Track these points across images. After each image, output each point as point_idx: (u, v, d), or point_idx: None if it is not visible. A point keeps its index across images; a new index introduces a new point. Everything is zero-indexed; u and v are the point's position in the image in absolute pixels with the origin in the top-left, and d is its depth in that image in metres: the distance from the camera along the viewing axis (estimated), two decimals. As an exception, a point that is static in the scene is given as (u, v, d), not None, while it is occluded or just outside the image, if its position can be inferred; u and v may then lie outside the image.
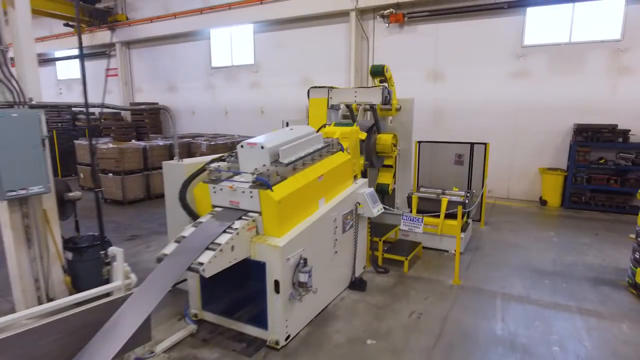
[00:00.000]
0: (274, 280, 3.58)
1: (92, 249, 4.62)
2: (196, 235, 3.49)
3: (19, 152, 3.73)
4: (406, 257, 5.47)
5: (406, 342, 3.81)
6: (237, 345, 3.71)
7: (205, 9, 13.36)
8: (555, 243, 6.72)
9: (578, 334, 3.97)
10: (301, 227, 3.86)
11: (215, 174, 3.99)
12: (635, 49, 8.49)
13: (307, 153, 4.31)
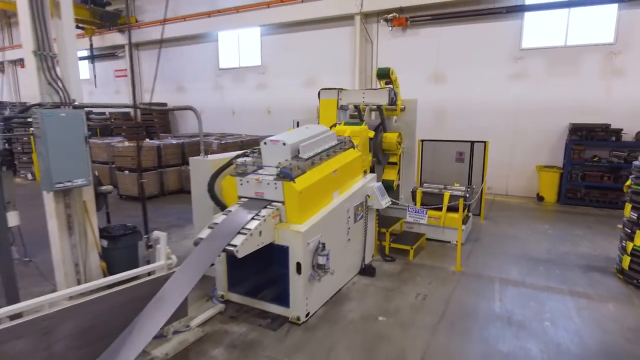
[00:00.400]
0: (296, 263, 4.01)
1: (125, 237, 5.05)
2: (227, 222, 3.92)
3: (66, 148, 4.15)
4: (411, 247, 5.91)
5: (413, 319, 4.25)
6: (262, 321, 4.14)
7: (213, 12, 13.79)
8: (551, 235, 7.15)
9: (568, 312, 4.40)
10: (319, 215, 4.30)
11: (241, 168, 4.42)
12: (627, 52, 8.92)
13: (323, 149, 4.75)
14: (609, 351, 3.70)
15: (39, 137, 4.01)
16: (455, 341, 3.85)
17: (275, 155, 4.36)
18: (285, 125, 12.89)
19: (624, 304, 4.60)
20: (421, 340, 3.84)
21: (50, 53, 4.18)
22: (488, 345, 3.77)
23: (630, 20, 8.79)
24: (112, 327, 3.12)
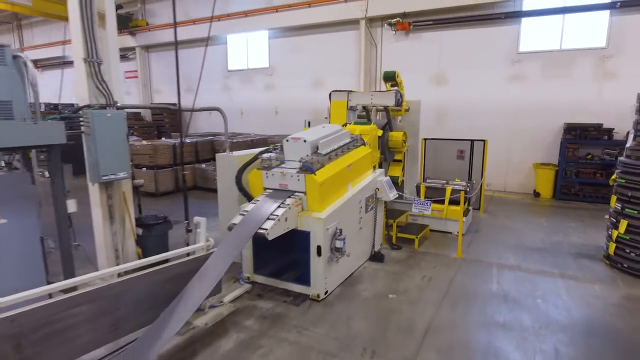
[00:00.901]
0: (316, 246, 4.53)
1: (158, 226, 5.59)
2: (257, 209, 4.44)
3: (110, 144, 4.67)
4: (416, 236, 6.44)
5: (420, 296, 4.77)
6: (285, 298, 4.67)
7: (222, 16, 14.29)
8: (545, 227, 7.68)
9: (558, 291, 4.93)
10: (336, 205, 4.82)
11: (267, 163, 4.94)
12: (618, 56, 9.45)
13: (339, 146, 5.28)
14: (593, 322, 4.22)
15: (88, 134, 4.54)
16: (457, 314, 4.37)
17: (296, 151, 4.88)
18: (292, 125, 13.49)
19: (608, 284, 5.12)
20: (427, 313, 4.37)
21: (97, 60, 4.71)
22: (486, 317, 4.30)
23: (621, 25, 9.32)
24: (163, 298, 3.64)
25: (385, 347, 3.74)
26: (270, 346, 3.74)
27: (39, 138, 3.72)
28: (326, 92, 12.46)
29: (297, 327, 4.06)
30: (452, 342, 3.83)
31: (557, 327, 4.11)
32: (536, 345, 3.77)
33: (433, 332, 4.01)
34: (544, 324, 4.15)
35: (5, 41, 22.97)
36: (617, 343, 3.86)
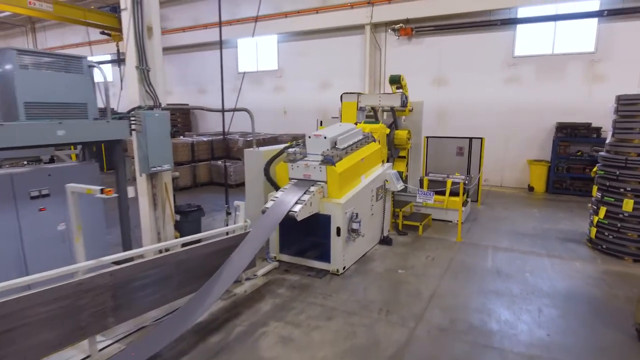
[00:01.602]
0: (336, 227, 5.28)
1: (193, 213, 6.34)
2: (285, 196, 5.18)
3: (158, 140, 5.39)
4: (420, 223, 7.19)
5: (425, 271, 5.52)
6: (309, 273, 5.41)
7: (233, 21, 15.03)
8: (537, 217, 8.43)
9: (545, 267, 5.68)
10: (352, 192, 5.57)
11: (292, 156, 5.69)
12: (606, 60, 10.21)
13: (353, 142, 6.03)
14: (573, 291, 4.97)
15: (140, 132, 5.26)
16: (457, 284, 5.12)
17: (318, 146, 5.63)
18: (300, 125, 14.30)
19: (588, 262, 5.88)
20: (432, 284, 5.12)
21: (146, 67, 5.45)
22: (482, 286, 5.05)
23: (608, 32, 10.07)
24: (212, 267, 4.37)
25: (397, 307, 4.49)
26: (302, 307, 4.49)
27: (110, 134, 4.47)
28: (333, 94, 13.34)
29: (322, 294, 4.81)
30: (453, 304, 4.58)
31: (542, 293, 4.86)
32: (523, 307, 4.53)
33: (437, 297, 4.76)
34: (530, 292, 4.91)
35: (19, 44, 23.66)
36: (593, 305, 4.61)
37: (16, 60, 3.73)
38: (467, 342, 3.84)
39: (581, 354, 3.67)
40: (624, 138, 6.03)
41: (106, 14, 16.37)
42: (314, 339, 3.88)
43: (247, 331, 4.02)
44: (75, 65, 4.25)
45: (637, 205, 5.75)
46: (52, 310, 2.95)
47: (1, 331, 2.67)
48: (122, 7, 5.38)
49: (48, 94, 3.99)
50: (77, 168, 4.55)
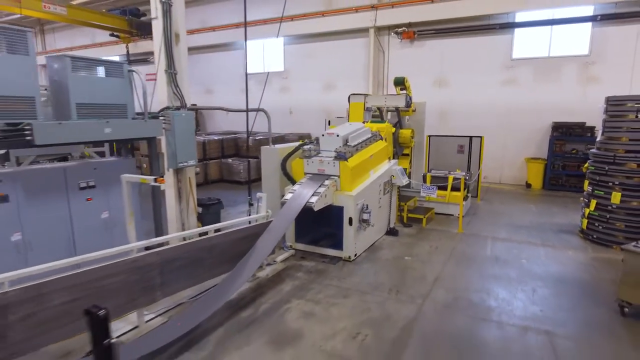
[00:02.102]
0: (348, 217, 5.77)
1: (214, 205, 6.84)
2: (302, 189, 5.67)
3: (184, 138, 5.89)
4: (424, 216, 7.69)
5: (429, 258, 6.02)
6: (323, 259, 5.90)
7: (241, 23, 15.47)
8: (534, 211, 8.93)
9: (539, 255, 6.17)
10: (362, 186, 6.06)
11: (307, 152, 6.17)
12: (600, 63, 10.71)
13: (363, 140, 6.52)
14: (563, 274, 5.46)
15: (169, 130, 5.75)
16: (459, 269, 5.62)
17: (331, 143, 6.12)
18: (305, 124, 14.79)
19: (580, 251, 6.37)
20: (436, 269, 5.61)
21: (174, 71, 5.94)
22: (481, 272, 5.55)
23: (602, 36, 10.57)
24: (239, 252, 4.86)
25: (405, 288, 4.98)
26: (319, 288, 4.98)
27: (147, 131, 4.96)
28: (337, 95, 13.87)
29: (337, 277, 5.31)
30: (455, 286, 5.07)
31: (536, 277, 5.36)
32: (519, 288, 5.02)
33: (440, 279, 5.26)
34: (526, 275, 5.40)
35: (29, 45, 24.04)
36: (582, 287, 5.10)
37: (70, 66, 4.21)
38: (468, 316, 4.34)
39: (570, 326, 4.16)
40: (613, 136, 6.53)
41: (117, 17, 16.87)
42: (332, 313, 4.38)
43: (273, 307, 4.51)
44: (118, 70, 4.74)
45: (624, 198, 6.24)
46: (115, 282, 3.43)
47: (76, 298, 3.16)
48: (153, 16, 5.88)
49: (95, 96, 4.47)
50: (117, 162, 5.04)
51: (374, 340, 3.85)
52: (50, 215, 4.26)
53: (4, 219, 3.88)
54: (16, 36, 3.78)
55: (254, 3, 15.21)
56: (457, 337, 3.94)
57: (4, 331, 2.76)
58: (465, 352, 3.70)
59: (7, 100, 3.76)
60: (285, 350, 3.69)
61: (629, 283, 4.24)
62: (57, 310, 3.03)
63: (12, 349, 2.82)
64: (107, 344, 1.90)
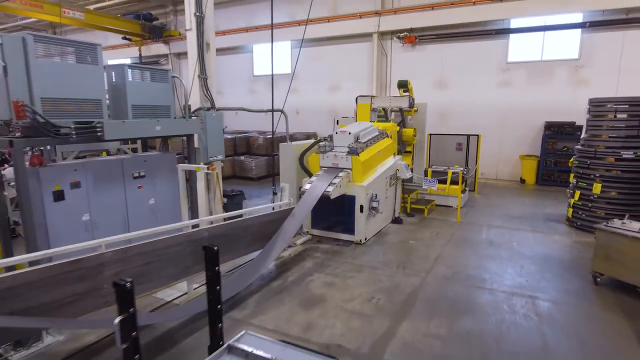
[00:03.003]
0: (360, 205, 6.54)
1: (237, 196, 7.61)
2: (319, 180, 6.44)
3: (214, 135, 6.65)
4: (425, 207, 8.47)
5: (431, 242, 6.79)
6: (337, 243, 6.67)
7: (250, 28, 16.30)
8: (527, 204, 9.71)
9: (528, 239, 6.95)
10: (371, 178, 6.83)
11: (322, 148, 6.94)
12: (589, 66, 11.49)
13: (372, 137, 7.29)
14: (548, 254, 6.24)
15: (201, 128, 6.52)
16: (457, 251, 6.40)
17: (344, 140, 6.89)
18: (311, 124, 15.52)
19: (565, 236, 7.16)
20: (437, 250, 6.38)
21: (205, 76, 6.70)
22: (477, 252, 6.33)
23: (591, 41, 11.36)
24: (266, 233, 5.62)
25: (411, 265, 5.76)
26: (336, 265, 5.76)
27: (188, 129, 5.73)
28: (342, 96, 14.68)
29: (351, 257, 6.08)
30: (454, 263, 5.85)
31: (524, 256, 6.14)
32: (509, 264, 5.80)
33: (441, 258, 6.03)
34: (515, 255, 6.18)
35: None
36: (564, 264, 5.87)
37: (128, 74, 4.98)
38: (465, 285, 5.12)
39: (550, 292, 4.94)
40: (595, 134, 7.31)
41: (131, 21, 17.67)
42: (349, 283, 5.15)
43: (298, 279, 5.29)
44: (163, 76, 5.51)
45: (604, 189, 7.03)
46: (176, 251, 4.19)
47: (148, 262, 3.92)
48: (188, 28, 6.65)
49: (146, 99, 5.24)
50: (162, 156, 5.80)
51: (386, 302, 4.63)
52: (110, 199, 5.02)
53: (77, 201, 4.64)
54: (89, 50, 4.55)
55: (263, 9, 16.04)
56: (455, 299, 4.72)
57: (101, 283, 3.52)
58: (462, 310, 4.47)
59: (80, 102, 4.53)
60: (314, 310, 4.46)
61: (600, 256, 5.02)
62: (136, 271, 3.80)
63: (105, 298, 3.59)
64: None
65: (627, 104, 7.07)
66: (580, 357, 3.66)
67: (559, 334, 4.01)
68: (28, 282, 3.00)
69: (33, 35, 4.03)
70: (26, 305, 3.05)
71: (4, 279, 2.90)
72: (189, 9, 6.55)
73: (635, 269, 4.68)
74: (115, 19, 17.09)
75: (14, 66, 3.94)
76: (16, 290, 2.96)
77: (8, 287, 2.93)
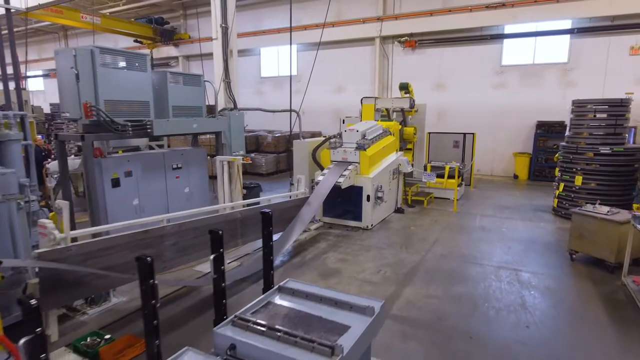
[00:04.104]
0: (366, 195, 7.36)
1: (255, 188, 8.43)
2: (331, 172, 7.26)
3: (237, 133, 7.46)
4: (425, 198, 9.29)
5: (430, 228, 7.62)
6: (347, 228, 7.49)
7: (258, 32, 17.11)
8: (518, 197, 10.55)
9: (517, 226, 7.78)
10: (377, 171, 7.65)
11: (333, 144, 7.76)
12: (577, 69, 12.33)
13: (377, 134, 8.12)
14: (533, 238, 7.06)
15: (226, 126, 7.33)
16: (453, 235, 7.22)
17: (352, 137, 7.71)
18: (316, 124, 16.29)
19: (549, 223, 7.99)
20: (435, 235, 7.21)
21: (228, 80, 7.52)
22: (470, 236, 7.15)
23: (578, 46, 12.19)
24: (286, 218, 6.43)
25: (411, 245, 6.59)
26: (347, 246, 6.58)
27: (218, 127, 6.55)
28: (346, 97, 15.52)
29: (359, 239, 6.91)
30: (450, 245, 6.68)
31: (512, 239, 6.96)
32: (498, 245, 6.63)
33: (439, 241, 6.86)
34: (504, 239, 7.01)
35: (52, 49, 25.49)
36: (546, 245, 6.69)
37: (169, 79, 5.80)
38: (459, 261, 5.94)
39: (532, 266, 5.76)
40: (577, 132, 8.14)
41: (144, 25, 18.49)
42: (360, 259, 5.97)
43: (315, 256, 6.11)
44: (197, 81, 6.32)
45: (585, 180, 7.86)
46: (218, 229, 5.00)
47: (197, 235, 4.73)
48: (214, 37, 7.47)
49: (184, 100, 6.06)
50: (195, 151, 6.62)
51: (392, 274, 5.45)
52: (154, 187, 5.83)
53: (129, 188, 5.45)
54: (139, 59, 5.37)
55: (270, 14, 16.88)
56: (451, 271, 5.55)
57: (162, 251, 4.33)
58: (456, 279, 5.29)
59: (132, 103, 5.34)
60: (331, 279, 5.29)
61: (575, 236, 5.84)
62: (187, 243, 4.61)
63: (164, 265, 4.40)
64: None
65: (605, 105, 7.90)
66: (552, 312, 4.48)
67: (536, 295, 4.84)
68: (113, 246, 3.81)
69: (99, 48, 4.84)
70: (110, 264, 3.85)
71: (97, 242, 3.71)
72: (216, 21, 7.36)
73: (604, 245, 5.50)
74: (129, 23, 17.90)
75: (84, 73, 4.75)
76: (104, 252, 3.77)
77: (98, 249, 3.74)
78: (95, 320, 4.30)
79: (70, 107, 4.85)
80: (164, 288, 4.79)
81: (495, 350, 3.75)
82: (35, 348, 2.11)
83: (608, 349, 3.83)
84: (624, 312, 4.46)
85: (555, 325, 4.20)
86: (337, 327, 2.65)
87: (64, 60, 4.79)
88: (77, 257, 3.44)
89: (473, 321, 4.24)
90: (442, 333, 4.02)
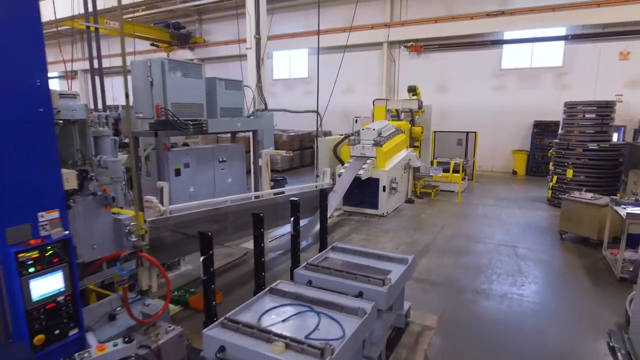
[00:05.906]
0: (382, 186, 8.36)
1: (281, 180, 9.42)
2: (352, 166, 8.25)
3: (267, 131, 8.44)
4: (432, 191, 10.29)
5: (438, 215, 8.62)
6: (365, 215, 8.49)
7: (272, 37, 17.98)
8: (516, 189, 11.56)
9: (515, 213, 8.78)
10: (391, 164, 8.65)
11: (352, 141, 8.76)
12: (571, 73, 13.33)
13: (390, 132, 9.11)
14: (530, 223, 8.06)
15: (258, 125, 8.31)
16: (459, 221, 8.22)
17: (369, 135, 8.70)
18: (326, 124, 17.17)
19: (544, 211, 8.99)
20: (443, 220, 8.21)
21: (260, 84, 8.50)
22: (474, 222, 8.16)
23: (572, 51, 13.20)
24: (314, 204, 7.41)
25: (422, 229, 7.59)
26: (367, 229, 7.58)
27: (256, 126, 7.54)
28: (355, 98, 16.53)
29: (377, 224, 7.91)
30: (457, 228, 7.68)
31: (511, 224, 7.97)
32: (498, 229, 7.63)
33: (446, 226, 7.86)
34: (504, 224, 8.01)
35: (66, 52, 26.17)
36: (541, 229, 7.69)
37: (218, 84, 6.79)
38: (465, 240, 6.94)
39: (527, 244, 6.76)
40: (568, 130, 9.15)
41: (162, 30, 19.51)
42: (380, 239, 6.97)
43: (341, 238, 7.11)
44: (238, 85, 7.31)
45: (575, 173, 8.86)
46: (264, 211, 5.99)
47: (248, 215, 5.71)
48: (248, 47, 8.43)
49: (228, 102, 7.05)
50: (235, 146, 7.61)
51: (409, 249, 6.45)
52: (205, 177, 6.82)
53: (187, 177, 6.44)
54: (196, 68, 6.36)
55: (282, 20, 17.85)
56: (459, 247, 6.55)
57: (225, 227, 5.32)
58: (463, 253, 6.30)
59: (191, 105, 6.32)
60: (358, 253, 6.28)
61: (564, 218, 6.85)
62: (242, 221, 5.59)
63: (227, 238, 5.39)
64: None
65: (594, 106, 8.91)
66: (543, 275, 5.49)
67: (531, 264, 5.84)
68: (195, 219, 4.80)
69: (168, 60, 5.83)
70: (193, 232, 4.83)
71: (185, 215, 4.70)
72: (250, 32, 8.33)
73: (588, 225, 6.50)
74: (148, 28, 18.91)
75: (156, 80, 5.74)
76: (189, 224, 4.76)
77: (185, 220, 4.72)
78: (172, 282, 5.29)
79: (143, 109, 5.83)
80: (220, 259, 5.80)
81: (497, 298, 4.75)
82: (209, 265, 3.64)
83: (586, 301, 4.83)
84: (601, 276, 5.46)
85: (546, 285, 5.20)
86: (383, 271, 3.67)
87: (139, 69, 5.77)
88: (174, 225, 4.44)
89: (479, 282, 5.24)
90: (454, 289, 5.03)
